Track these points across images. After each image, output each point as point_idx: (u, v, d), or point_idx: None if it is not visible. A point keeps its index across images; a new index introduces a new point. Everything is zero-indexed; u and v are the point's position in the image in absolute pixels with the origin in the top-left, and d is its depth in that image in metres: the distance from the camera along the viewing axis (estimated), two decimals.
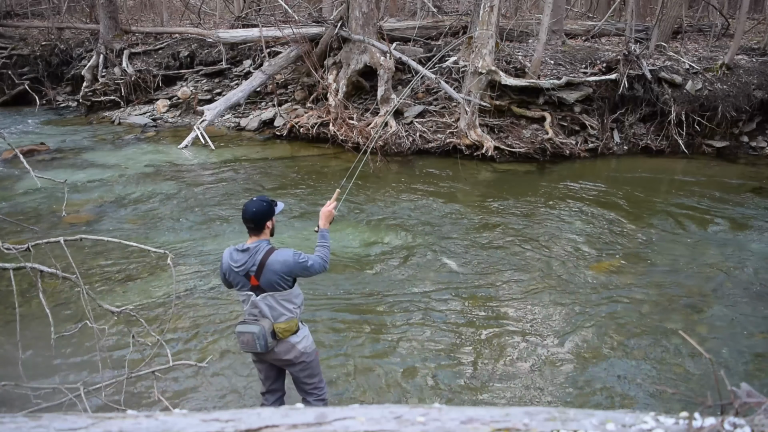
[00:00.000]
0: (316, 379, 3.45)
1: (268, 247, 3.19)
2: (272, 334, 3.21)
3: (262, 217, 3.18)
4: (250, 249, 3.18)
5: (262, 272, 3.15)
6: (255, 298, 3.22)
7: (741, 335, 4.88)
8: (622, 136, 10.82)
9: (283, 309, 3.22)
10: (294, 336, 3.27)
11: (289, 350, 3.28)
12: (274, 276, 3.14)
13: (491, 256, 6.36)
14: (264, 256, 3.15)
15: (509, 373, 4.33)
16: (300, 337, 3.30)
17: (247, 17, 14.31)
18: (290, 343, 3.27)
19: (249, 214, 3.16)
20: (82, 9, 17.35)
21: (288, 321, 3.23)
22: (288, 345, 3.27)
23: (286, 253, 3.17)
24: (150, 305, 5.19)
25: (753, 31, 14.60)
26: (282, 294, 3.20)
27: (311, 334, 3.44)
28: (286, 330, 3.23)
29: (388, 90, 10.62)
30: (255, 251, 3.17)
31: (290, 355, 3.29)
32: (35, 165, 7.63)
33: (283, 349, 3.27)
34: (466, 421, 0.95)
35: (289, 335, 3.25)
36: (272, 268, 3.13)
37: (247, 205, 3.19)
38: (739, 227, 7.32)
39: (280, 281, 3.16)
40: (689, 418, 0.96)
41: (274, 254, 3.16)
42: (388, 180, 9.17)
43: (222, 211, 7.65)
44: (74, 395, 2.65)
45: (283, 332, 3.22)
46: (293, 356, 3.30)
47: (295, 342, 3.27)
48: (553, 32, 12.07)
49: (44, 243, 2.90)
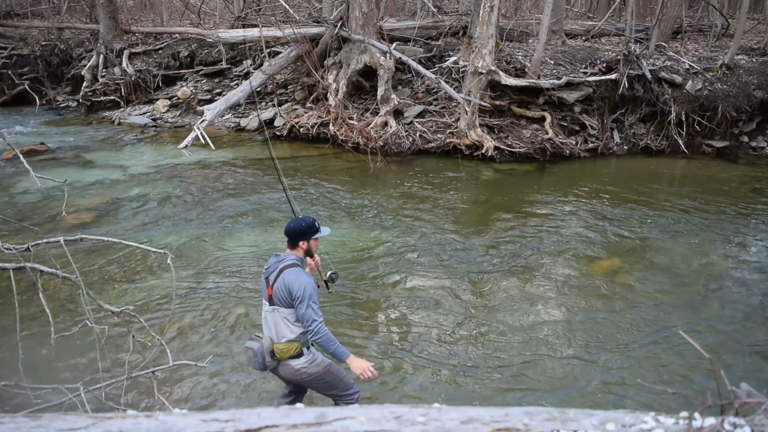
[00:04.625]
0: (337, 389, 3.37)
1: (292, 262, 3.20)
2: (271, 354, 3.19)
3: (295, 235, 3.26)
4: (280, 257, 3.27)
5: (276, 282, 3.17)
6: (266, 309, 3.25)
7: (741, 335, 4.88)
8: (622, 136, 10.82)
9: (286, 328, 3.17)
10: (295, 360, 3.21)
11: (292, 372, 3.24)
12: (284, 291, 3.14)
13: (491, 256, 6.36)
14: (284, 267, 3.18)
15: (509, 373, 4.33)
16: (303, 362, 3.23)
17: (247, 17, 14.31)
18: (290, 366, 3.22)
19: (287, 229, 3.30)
20: (82, 9, 17.34)
21: (288, 343, 3.18)
22: (289, 367, 3.23)
23: (302, 281, 3.11)
24: (150, 305, 5.20)
25: (753, 31, 14.61)
26: (286, 312, 3.17)
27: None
28: (284, 351, 3.18)
29: (388, 90, 10.62)
30: (282, 260, 3.23)
31: (294, 376, 3.27)
32: (35, 165, 7.62)
33: (286, 370, 3.24)
34: (466, 421, 0.96)
35: (288, 358, 3.20)
36: (283, 281, 3.14)
37: (290, 221, 3.32)
38: (739, 227, 7.32)
39: (287, 298, 3.14)
40: (689, 418, 0.96)
41: (292, 271, 3.15)
42: (388, 180, 9.17)
43: (222, 211, 7.65)
44: (74, 395, 2.65)
45: (281, 353, 3.19)
46: (297, 378, 3.27)
47: (296, 366, 3.22)
48: (553, 32, 12.07)
49: (44, 243, 2.90)
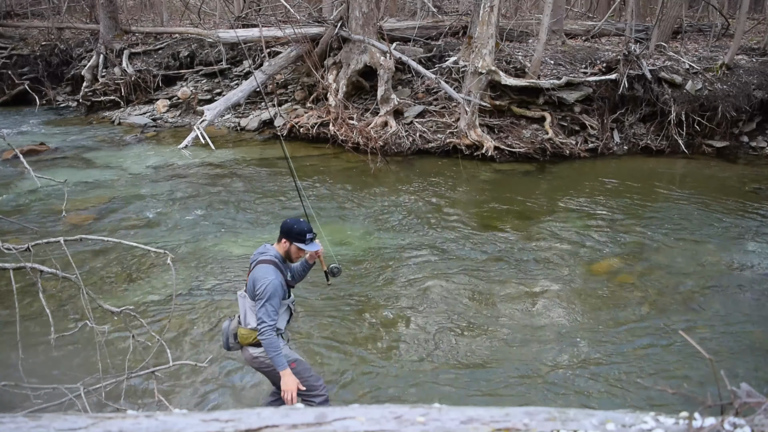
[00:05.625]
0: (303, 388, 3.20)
1: (269, 258, 3.23)
2: (234, 336, 3.28)
3: (283, 230, 3.30)
4: (264, 248, 3.33)
5: (251, 272, 3.23)
6: (239, 293, 3.32)
7: (741, 335, 4.88)
8: (622, 136, 10.82)
9: (251, 316, 3.19)
10: (253, 347, 3.24)
11: (250, 359, 3.29)
12: (251, 283, 3.18)
13: (490, 256, 6.36)
14: (260, 260, 3.22)
15: (509, 373, 4.33)
16: (260, 351, 3.21)
17: (247, 17, 14.30)
18: (249, 352, 3.26)
19: (282, 222, 3.37)
20: (82, 9, 17.34)
21: (250, 330, 3.20)
22: (248, 353, 3.28)
23: (267, 279, 3.09)
24: (150, 305, 5.20)
25: (753, 31, 14.61)
26: (251, 302, 3.19)
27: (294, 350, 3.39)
28: (244, 337, 3.23)
29: (388, 90, 10.62)
30: (263, 252, 3.29)
31: (252, 363, 3.32)
32: (35, 165, 7.62)
33: (246, 355, 3.30)
34: (466, 421, 0.96)
35: (247, 344, 3.24)
36: (254, 274, 3.18)
37: (291, 218, 3.39)
38: (739, 227, 7.32)
39: (252, 290, 3.17)
40: (689, 418, 0.96)
41: (264, 267, 3.18)
42: (388, 180, 9.17)
43: (222, 211, 7.65)
44: (74, 395, 2.65)
45: (242, 338, 3.24)
46: (255, 365, 3.31)
47: (253, 353, 3.25)
48: (553, 32, 12.07)
49: (44, 243, 2.90)
